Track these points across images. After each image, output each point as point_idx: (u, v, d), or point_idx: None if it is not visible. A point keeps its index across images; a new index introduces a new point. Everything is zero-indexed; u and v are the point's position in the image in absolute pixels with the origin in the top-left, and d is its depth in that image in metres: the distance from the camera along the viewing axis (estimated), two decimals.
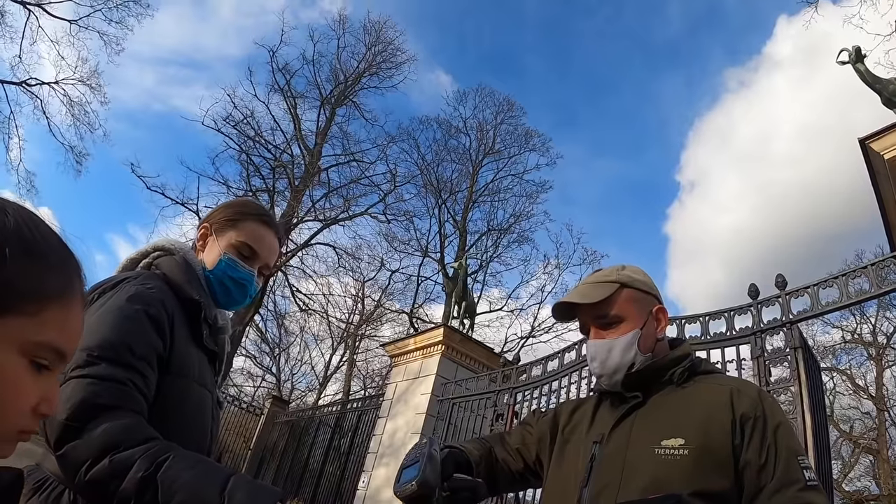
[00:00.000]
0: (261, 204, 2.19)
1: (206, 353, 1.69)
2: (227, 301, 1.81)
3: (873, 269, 4.85)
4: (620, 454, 1.51)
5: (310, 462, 13.48)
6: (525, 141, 29.02)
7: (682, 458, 1.41)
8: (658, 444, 1.46)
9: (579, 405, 1.86)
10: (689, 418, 1.48)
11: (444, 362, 9.98)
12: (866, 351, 24.43)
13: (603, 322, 1.67)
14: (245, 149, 23.65)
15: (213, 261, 1.79)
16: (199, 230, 1.90)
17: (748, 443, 1.41)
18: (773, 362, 5.20)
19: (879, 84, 5.71)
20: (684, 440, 1.43)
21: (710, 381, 1.61)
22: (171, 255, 1.75)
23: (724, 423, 1.44)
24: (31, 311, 0.68)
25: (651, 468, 1.43)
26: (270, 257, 1.89)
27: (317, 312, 27.04)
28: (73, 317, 0.75)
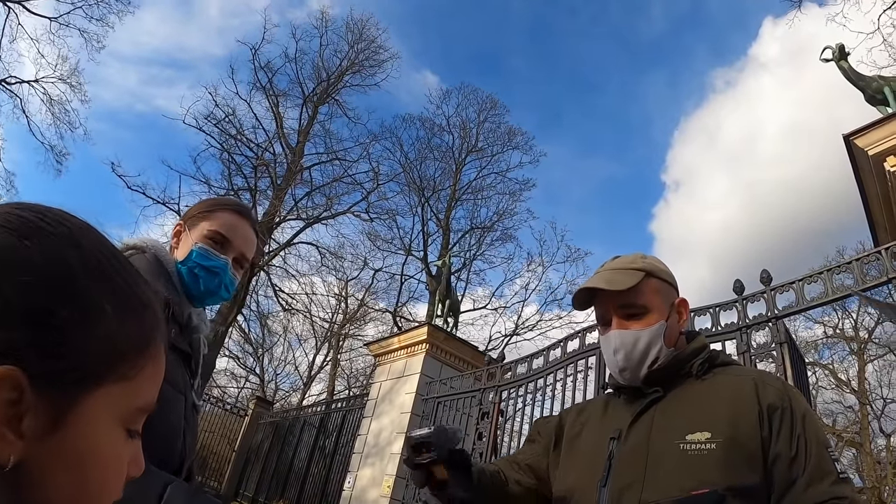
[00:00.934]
0: (237, 199, 2.15)
1: (179, 355, 1.63)
2: (201, 293, 1.75)
3: (857, 264, 4.90)
4: (642, 450, 1.44)
5: (295, 463, 13.44)
6: (508, 139, 28.99)
7: (711, 453, 1.35)
8: (682, 439, 1.40)
9: (585, 407, 1.80)
10: (713, 411, 1.43)
11: (428, 361, 9.97)
12: (848, 346, 24.67)
13: (628, 312, 1.58)
14: (227, 147, 23.44)
15: (185, 253, 1.75)
16: (174, 228, 1.86)
17: (777, 434, 1.36)
18: (759, 357, 5.22)
19: (862, 81, 5.75)
20: (711, 434, 1.37)
21: (730, 372, 1.57)
22: (143, 254, 1.70)
23: (751, 415, 1.39)
24: (131, 374, 0.59)
25: (676, 464, 1.37)
26: (245, 247, 1.84)
27: (300, 312, 26.96)
28: (162, 362, 0.66)
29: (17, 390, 0.49)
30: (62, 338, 0.52)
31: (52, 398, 0.51)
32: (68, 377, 0.53)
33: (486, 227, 27.65)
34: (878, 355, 23.95)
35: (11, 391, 0.49)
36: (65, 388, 0.53)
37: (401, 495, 8.74)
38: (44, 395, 0.51)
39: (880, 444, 23.51)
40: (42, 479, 0.52)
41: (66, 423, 0.53)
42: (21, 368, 0.49)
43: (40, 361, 0.50)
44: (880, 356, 23.88)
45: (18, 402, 0.49)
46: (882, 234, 5.83)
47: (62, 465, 0.53)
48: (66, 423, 0.53)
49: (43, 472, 0.52)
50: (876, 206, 5.57)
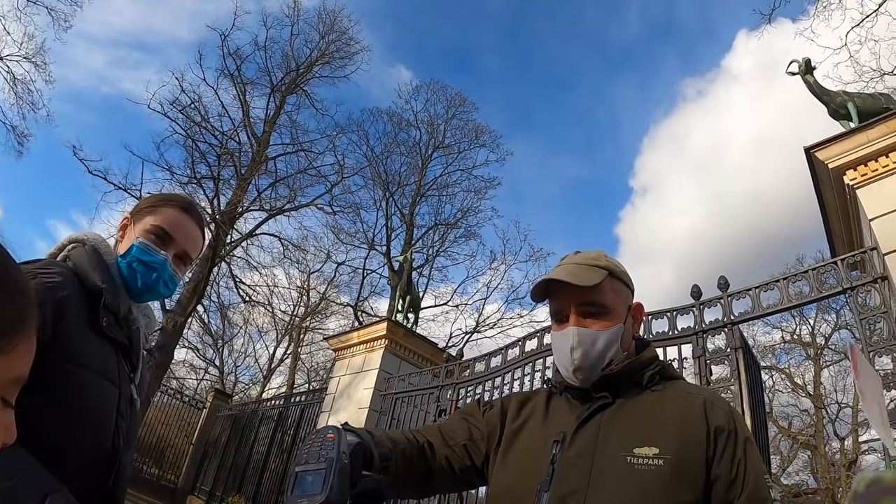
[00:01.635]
0: (187, 196, 2.10)
1: (116, 346, 1.60)
2: (139, 288, 1.71)
3: (814, 273, 5.00)
4: (587, 458, 1.40)
5: (252, 457, 13.34)
6: (475, 137, 28.94)
7: (658, 469, 1.34)
8: (630, 452, 1.37)
9: (527, 399, 1.71)
10: (663, 427, 1.41)
11: (387, 357, 9.98)
12: (805, 351, 25.16)
13: (589, 310, 1.52)
14: (191, 134, 23.06)
15: (127, 247, 1.73)
16: (121, 222, 1.83)
17: (720, 456, 1.37)
18: (714, 361, 5.31)
19: (827, 96, 5.83)
20: (659, 450, 1.36)
21: (679, 388, 1.56)
22: (83, 246, 1.69)
23: (699, 435, 1.39)
24: (7, 349, 0.64)
25: (622, 477, 1.35)
26: (189, 244, 1.82)
27: (261, 304, 26.70)
28: (34, 341, 0.70)
29: None
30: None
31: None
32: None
33: (450, 224, 27.64)
34: (833, 361, 24.45)
35: None
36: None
37: None
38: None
39: (834, 447, 24.06)
40: None
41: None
42: None
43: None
44: (836, 362, 24.38)
45: None
46: (839, 246, 5.93)
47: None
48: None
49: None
50: (834, 217, 5.67)
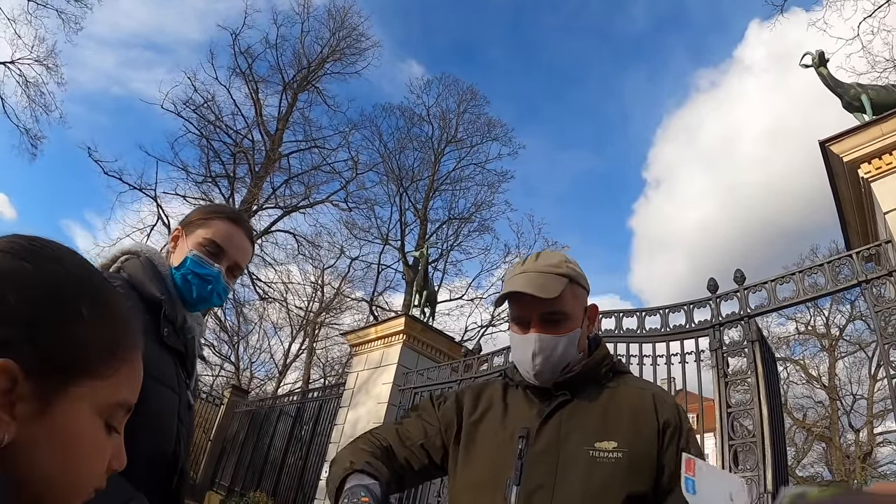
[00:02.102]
0: (236, 209, 2.17)
1: (173, 354, 1.65)
2: (193, 299, 1.77)
3: (829, 266, 5.02)
4: (552, 453, 1.50)
5: (271, 452, 13.40)
6: (487, 130, 28.96)
7: (618, 461, 1.45)
8: (591, 446, 1.48)
9: (482, 391, 1.78)
10: (618, 421, 1.53)
11: (405, 352, 9.98)
12: (820, 342, 25.05)
13: (550, 318, 1.59)
14: (205, 133, 23.26)
15: (181, 259, 1.77)
16: (172, 233, 1.87)
17: (667, 448, 1.50)
18: (731, 354, 5.35)
19: (840, 88, 5.83)
20: (617, 444, 1.47)
21: (630, 383, 1.68)
22: (137, 258, 1.72)
23: (651, 429, 1.52)
24: (107, 374, 0.68)
25: (585, 470, 1.45)
26: (240, 256, 1.85)
27: (276, 300, 26.84)
28: (138, 367, 0.76)
29: (12, 380, 0.59)
30: (51, 335, 0.63)
31: (41, 387, 0.61)
32: (57, 369, 0.63)
33: (464, 218, 27.68)
34: (848, 352, 24.36)
35: (8, 380, 0.59)
36: (52, 378, 0.63)
37: None
38: (34, 385, 0.61)
39: (849, 439, 23.97)
40: (31, 458, 0.61)
41: (52, 410, 0.62)
42: (16, 361, 0.59)
43: (32, 356, 0.61)
44: (851, 353, 24.31)
45: (12, 390, 0.59)
46: (854, 238, 5.95)
47: (48, 446, 0.63)
48: (52, 409, 0.62)
49: (32, 451, 0.61)
50: (849, 210, 5.69)
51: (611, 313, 6.54)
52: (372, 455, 1.57)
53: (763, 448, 4.70)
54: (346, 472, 1.40)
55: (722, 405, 5.09)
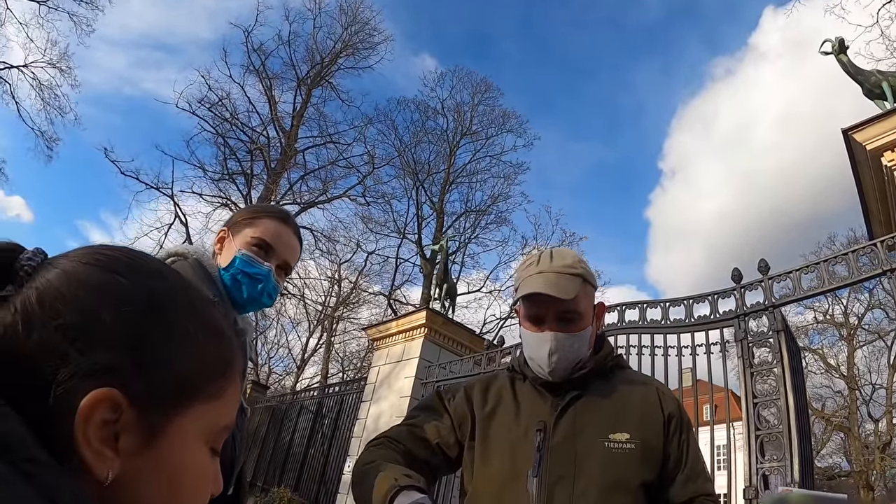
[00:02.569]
0: (282, 207, 2.18)
1: None
2: (244, 300, 1.75)
3: (853, 255, 5.00)
4: (570, 445, 1.56)
5: (292, 447, 13.47)
6: (502, 122, 28.95)
7: (631, 452, 1.54)
8: (606, 438, 1.56)
9: (489, 385, 1.82)
10: (629, 414, 1.61)
11: (427, 345, 10.00)
12: (839, 332, 24.89)
13: (565, 317, 1.64)
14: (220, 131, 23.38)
15: (229, 259, 1.75)
16: (217, 235, 1.86)
17: (671, 438, 1.61)
18: (756, 345, 5.34)
19: (861, 75, 5.81)
20: (629, 435, 1.56)
21: (634, 377, 1.80)
22: (185, 260, 1.70)
23: (657, 421, 1.62)
24: (217, 395, 0.64)
25: (602, 460, 1.53)
26: (289, 254, 1.85)
27: (293, 295, 26.95)
28: (239, 384, 0.70)
29: (116, 410, 0.54)
30: (157, 359, 0.58)
31: (147, 416, 0.56)
32: (163, 396, 0.58)
33: (481, 211, 27.70)
34: (867, 341, 24.19)
35: (111, 412, 0.54)
36: (160, 406, 0.58)
37: None
38: (140, 414, 0.56)
39: (868, 429, 23.82)
40: (136, 492, 0.56)
41: (160, 440, 0.57)
42: (120, 389, 0.54)
43: (138, 382, 0.56)
44: (869, 342, 24.14)
45: (116, 421, 0.54)
46: (877, 227, 5.93)
47: (154, 479, 0.58)
48: (160, 440, 0.57)
49: (137, 486, 0.56)
50: (872, 199, 5.68)
51: (634, 304, 6.56)
52: (403, 464, 1.56)
53: (790, 438, 4.70)
54: (394, 490, 1.34)
55: (748, 395, 5.09)
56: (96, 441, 0.53)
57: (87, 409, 0.52)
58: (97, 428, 0.53)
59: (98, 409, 0.53)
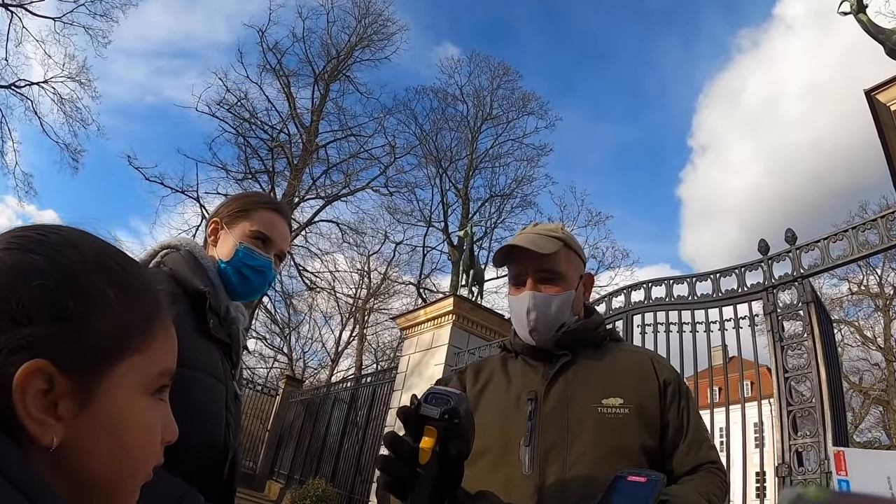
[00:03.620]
0: (268, 194, 2.19)
1: (219, 345, 1.67)
2: (246, 290, 1.81)
3: (882, 221, 4.84)
4: (562, 412, 1.55)
5: (327, 439, 13.60)
6: (522, 105, 28.96)
7: (625, 417, 1.52)
8: (599, 403, 1.54)
9: (481, 367, 1.84)
10: (622, 380, 1.60)
11: (455, 332, 9.96)
12: (873, 302, 24.48)
13: (544, 276, 1.67)
14: (241, 132, 23.66)
15: (229, 252, 1.79)
16: (208, 226, 1.90)
17: (669, 406, 1.60)
18: (786, 317, 5.22)
19: (883, 34, 5.64)
20: (623, 400, 1.54)
21: (626, 347, 1.81)
22: (177, 251, 1.74)
23: (652, 387, 1.61)
24: (143, 347, 0.67)
25: (596, 426, 1.51)
26: (284, 244, 1.91)
27: (324, 290, 27.15)
28: (171, 332, 0.73)
29: (48, 380, 0.58)
30: (78, 326, 0.61)
31: (80, 380, 0.60)
32: (90, 359, 0.61)
33: (506, 195, 27.74)
34: None
35: (44, 381, 0.57)
36: (89, 368, 0.61)
37: None
38: (72, 379, 0.59)
39: None
40: (84, 452, 0.61)
41: (96, 399, 0.61)
42: (48, 359, 0.57)
43: (63, 350, 0.59)
44: None
45: (50, 389, 0.58)
46: None
47: (99, 436, 0.62)
48: (96, 399, 0.61)
49: (83, 446, 0.60)
50: None
51: (660, 281, 6.47)
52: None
53: (822, 413, 4.58)
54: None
55: (779, 370, 4.98)
56: (36, 410, 0.57)
57: (20, 382, 0.56)
58: (34, 398, 0.57)
59: (31, 380, 0.57)
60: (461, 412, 1.17)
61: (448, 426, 1.16)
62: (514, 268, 1.73)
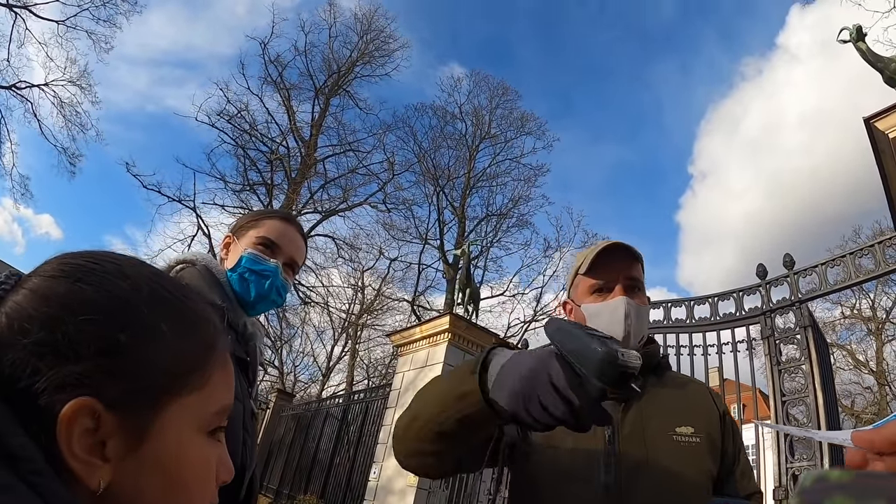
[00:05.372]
0: (282, 209, 2.16)
1: (237, 362, 1.60)
2: (253, 299, 1.74)
3: (879, 247, 4.89)
4: (639, 436, 1.51)
5: (318, 455, 13.52)
6: (521, 125, 29.00)
7: (697, 446, 1.51)
8: (673, 431, 1.52)
9: None
10: (690, 409, 1.60)
11: (451, 350, 9.93)
12: (867, 326, 24.55)
13: (632, 284, 1.61)
14: (240, 143, 23.67)
15: (235, 262, 1.75)
16: (223, 241, 1.87)
17: (724, 436, 1.59)
18: (783, 341, 5.24)
19: (881, 63, 5.70)
20: (694, 429, 1.53)
21: (680, 376, 1.79)
22: (193, 266, 1.71)
23: (715, 417, 1.60)
24: (200, 384, 0.63)
25: (671, 453, 1.48)
26: (294, 252, 1.84)
27: (318, 304, 27.08)
28: (229, 368, 0.70)
29: (94, 418, 0.55)
30: (128, 361, 0.58)
31: (131, 418, 0.57)
32: (141, 397, 0.58)
33: (502, 214, 27.68)
34: None
35: (89, 420, 0.54)
36: (140, 407, 0.58)
37: (427, 484, 8.78)
38: (122, 417, 0.56)
39: None
40: (136, 494, 0.58)
41: (149, 439, 0.58)
42: (95, 397, 0.55)
43: (112, 387, 0.56)
44: None
45: (97, 428, 0.55)
46: None
47: (151, 478, 0.58)
48: (148, 438, 0.58)
49: (135, 487, 0.57)
50: None
51: (659, 303, 6.47)
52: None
53: None
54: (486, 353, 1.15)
55: (776, 393, 5.01)
56: (81, 451, 0.54)
57: (65, 421, 0.53)
58: (80, 438, 0.54)
59: (76, 419, 0.54)
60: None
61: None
62: (604, 273, 1.61)
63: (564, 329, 1.03)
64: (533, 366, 1.00)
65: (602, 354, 0.93)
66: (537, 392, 0.98)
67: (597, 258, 1.62)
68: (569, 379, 0.96)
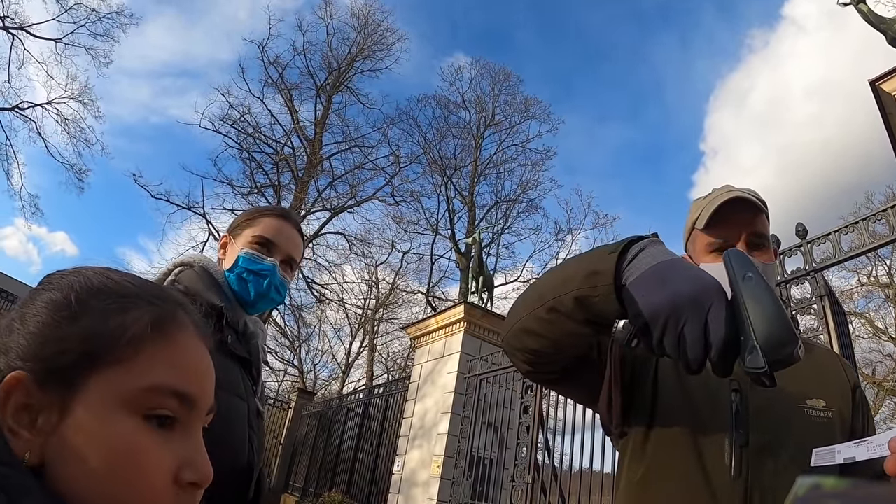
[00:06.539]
0: (278, 206, 2.15)
1: (238, 362, 1.63)
2: (252, 298, 1.73)
3: (892, 212, 4.81)
4: (767, 409, 1.36)
5: (341, 451, 13.57)
6: (525, 110, 28.92)
7: (828, 421, 1.37)
8: (804, 404, 1.38)
9: None
10: (824, 381, 1.44)
11: (467, 339, 9.98)
12: (884, 293, 24.36)
13: (756, 241, 1.43)
14: (245, 146, 23.73)
15: (232, 260, 1.75)
16: (220, 242, 1.86)
17: (856, 412, 1.43)
18: (800, 312, 5.17)
19: (884, 24, 5.62)
20: (826, 402, 1.39)
21: (808, 342, 1.51)
22: (191, 268, 1.70)
23: (847, 391, 1.45)
24: (126, 356, 0.62)
25: (801, 428, 1.35)
26: (291, 248, 1.82)
27: (333, 301, 27.17)
28: (185, 351, 0.68)
29: (25, 392, 0.59)
30: (54, 340, 0.61)
31: (57, 393, 0.59)
32: (65, 369, 0.60)
33: (512, 200, 27.69)
34: None
35: (21, 394, 0.58)
36: (64, 379, 0.60)
37: (451, 475, 8.81)
38: (49, 393, 0.59)
39: None
40: (62, 469, 0.58)
41: (72, 412, 0.59)
42: (27, 371, 0.59)
43: (41, 365, 0.60)
44: None
45: (28, 404, 0.59)
46: None
47: (74, 452, 0.58)
48: (71, 412, 0.59)
49: (62, 462, 0.58)
50: None
51: None
52: None
53: None
54: (627, 241, 1.03)
55: None
56: (13, 423, 0.58)
57: (2, 393, 0.58)
58: (14, 411, 0.58)
59: (12, 392, 0.58)
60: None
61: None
62: (724, 229, 1.43)
63: (761, 285, 0.92)
64: (697, 291, 0.91)
65: (793, 337, 0.87)
66: (686, 316, 0.90)
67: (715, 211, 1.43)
68: (728, 333, 0.88)
